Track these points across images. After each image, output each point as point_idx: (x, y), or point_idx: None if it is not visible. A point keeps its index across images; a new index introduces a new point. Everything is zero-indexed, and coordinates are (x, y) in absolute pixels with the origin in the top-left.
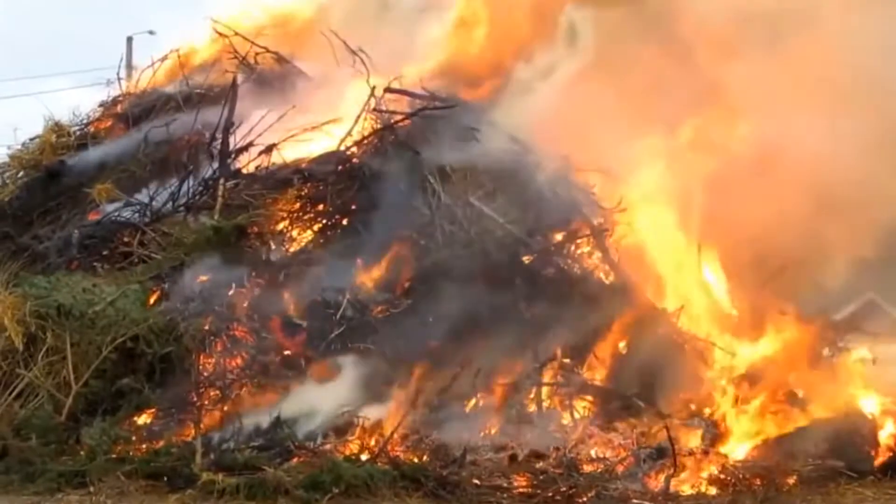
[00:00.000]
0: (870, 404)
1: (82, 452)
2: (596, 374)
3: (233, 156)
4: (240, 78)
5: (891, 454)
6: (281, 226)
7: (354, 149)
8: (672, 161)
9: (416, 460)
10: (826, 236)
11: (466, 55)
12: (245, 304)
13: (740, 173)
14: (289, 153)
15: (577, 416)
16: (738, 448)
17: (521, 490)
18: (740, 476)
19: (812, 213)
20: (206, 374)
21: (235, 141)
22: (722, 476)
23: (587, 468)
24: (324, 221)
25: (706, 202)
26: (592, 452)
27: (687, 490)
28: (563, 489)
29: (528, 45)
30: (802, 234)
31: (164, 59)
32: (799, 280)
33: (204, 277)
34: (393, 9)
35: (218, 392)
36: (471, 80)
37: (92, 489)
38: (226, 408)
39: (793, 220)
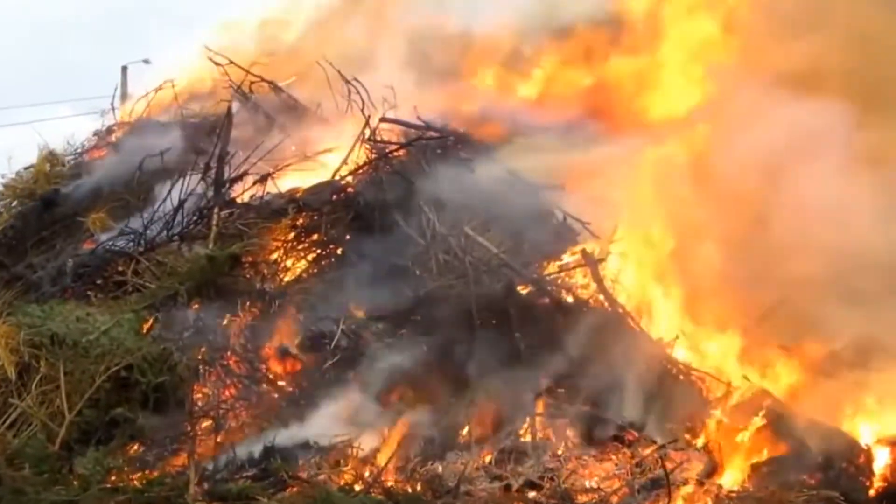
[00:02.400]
0: (865, 434)
1: (76, 482)
2: (591, 404)
3: (227, 185)
4: (234, 107)
5: (885, 484)
6: (275, 255)
7: (349, 178)
8: (668, 191)
9: (410, 490)
10: (820, 270)
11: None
12: (239, 334)
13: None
14: (283, 183)
15: (571, 446)
16: (732, 478)
17: None
18: None
19: (807, 247)
20: (199, 403)
21: (230, 170)
22: None
23: (582, 498)
24: (318, 251)
25: (702, 233)
26: (587, 483)
27: None
28: None
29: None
30: (798, 267)
31: (158, 88)
32: (796, 312)
33: (198, 307)
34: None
35: (211, 422)
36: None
37: None
38: (219, 437)
39: (789, 253)
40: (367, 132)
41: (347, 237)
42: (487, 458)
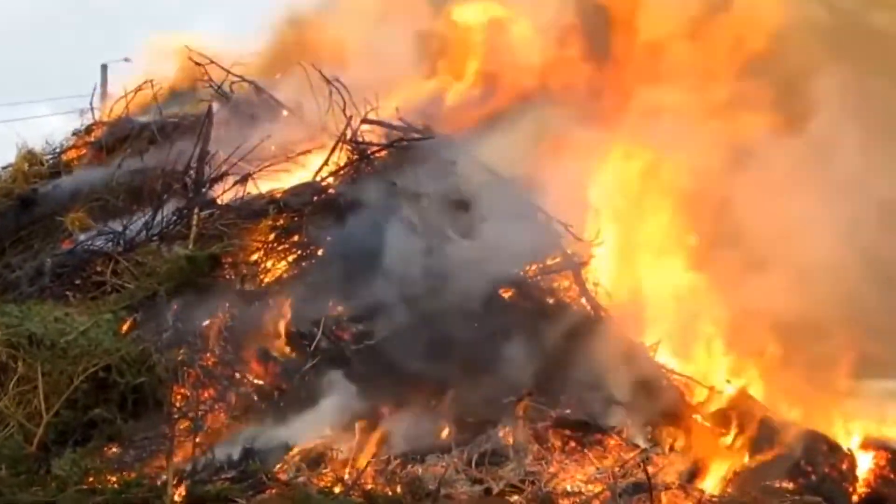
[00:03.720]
0: (848, 439)
1: (53, 483)
2: (573, 407)
3: (207, 185)
4: (215, 107)
5: (869, 490)
6: (255, 256)
7: (330, 179)
8: (653, 191)
9: (390, 493)
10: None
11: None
12: (218, 335)
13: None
14: (264, 183)
15: (552, 449)
16: (715, 483)
17: None
18: None
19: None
20: (178, 404)
21: (210, 170)
22: None
23: (563, 502)
24: (298, 252)
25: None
26: (568, 487)
27: None
28: None
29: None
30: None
31: (139, 88)
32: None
33: (177, 307)
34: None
35: (190, 423)
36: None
37: None
38: (198, 439)
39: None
40: (349, 133)
41: (328, 238)
42: (468, 462)
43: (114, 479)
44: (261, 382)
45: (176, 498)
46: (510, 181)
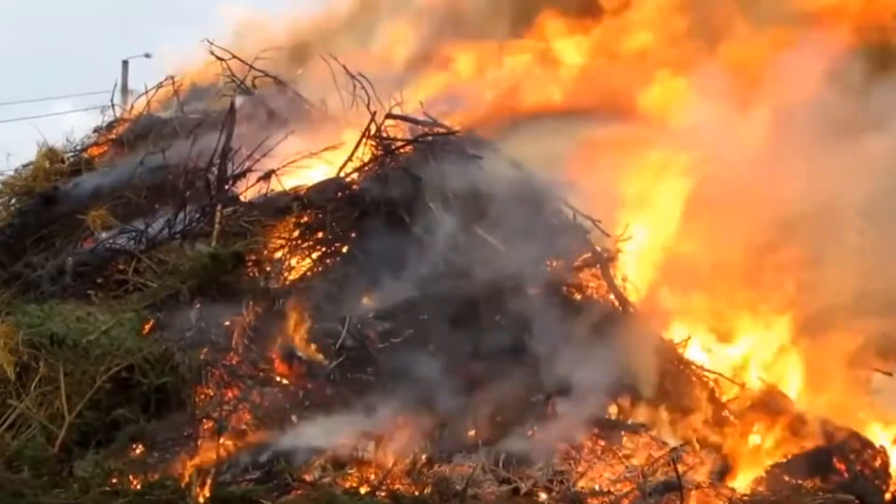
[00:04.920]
0: (880, 436)
1: (75, 485)
2: (601, 405)
3: (230, 182)
4: (237, 102)
5: None
6: (279, 253)
7: (354, 175)
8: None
9: (416, 493)
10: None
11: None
12: (242, 334)
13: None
14: (288, 180)
15: (581, 448)
16: (746, 481)
17: None
18: None
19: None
20: (202, 405)
21: (233, 167)
22: None
23: (592, 502)
24: (323, 249)
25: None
26: (597, 486)
27: None
28: None
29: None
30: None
31: (160, 84)
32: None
33: (200, 306)
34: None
35: (214, 423)
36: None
37: None
38: (222, 440)
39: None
40: (373, 128)
41: (353, 235)
42: (496, 461)
43: (137, 480)
44: (285, 382)
45: (200, 499)
46: (538, 176)
